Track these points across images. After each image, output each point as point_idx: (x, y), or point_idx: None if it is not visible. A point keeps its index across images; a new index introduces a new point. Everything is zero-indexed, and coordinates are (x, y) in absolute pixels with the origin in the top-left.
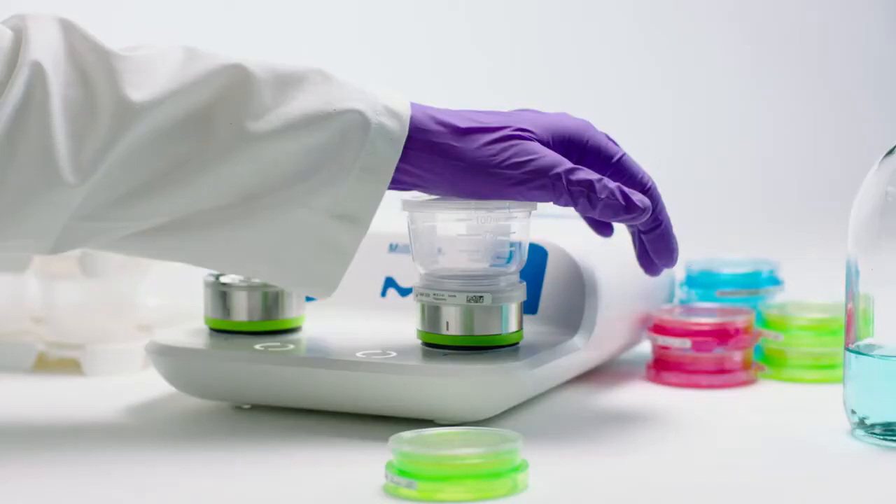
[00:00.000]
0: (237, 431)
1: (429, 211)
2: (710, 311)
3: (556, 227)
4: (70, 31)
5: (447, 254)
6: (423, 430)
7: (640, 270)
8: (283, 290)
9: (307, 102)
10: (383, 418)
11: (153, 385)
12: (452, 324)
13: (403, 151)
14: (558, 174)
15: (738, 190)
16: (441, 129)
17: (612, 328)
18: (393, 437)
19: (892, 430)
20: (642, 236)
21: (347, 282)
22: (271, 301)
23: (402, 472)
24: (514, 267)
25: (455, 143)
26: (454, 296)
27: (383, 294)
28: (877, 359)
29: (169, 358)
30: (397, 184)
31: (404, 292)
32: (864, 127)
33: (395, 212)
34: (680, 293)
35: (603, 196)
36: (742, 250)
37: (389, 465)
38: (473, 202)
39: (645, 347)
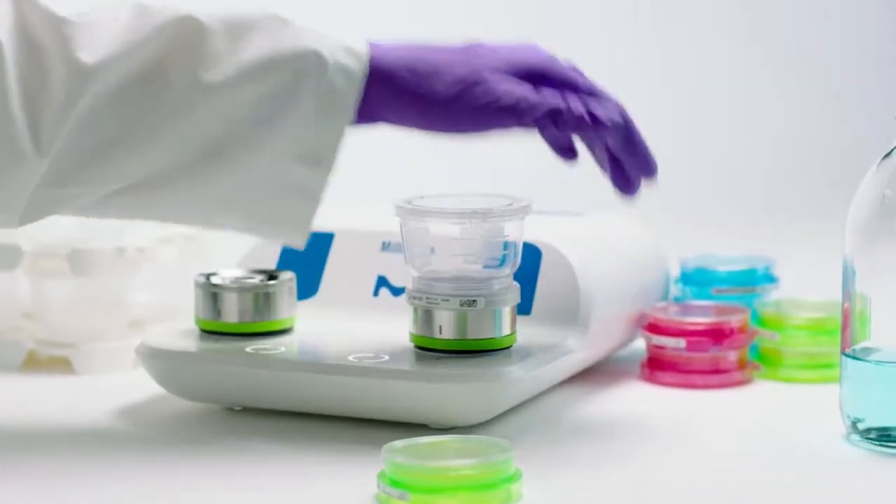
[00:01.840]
0: (227, 435)
1: (422, 215)
2: (706, 310)
3: (550, 225)
4: (21, 1)
5: (440, 256)
6: (416, 438)
7: (635, 268)
8: (274, 291)
9: (261, 47)
10: (376, 422)
11: (145, 384)
12: (445, 328)
13: (366, 89)
14: (523, 109)
15: (735, 185)
16: (404, 72)
17: (606, 328)
18: (385, 447)
19: (887, 436)
20: (620, 157)
21: (339, 280)
22: (262, 302)
23: (394, 483)
24: (508, 269)
25: (420, 85)
26: (447, 300)
27: (375, 293)
28: (873, 364)
29: (159, 361)
30: (364, 119)
31: (397, 292)
32: (862, 124)
33: (387, 210)
34: (675, 290)
35: (570, 122)
36: (738, 245)
37: (382, 475)
38: (469, 210)
39: (640, 343)
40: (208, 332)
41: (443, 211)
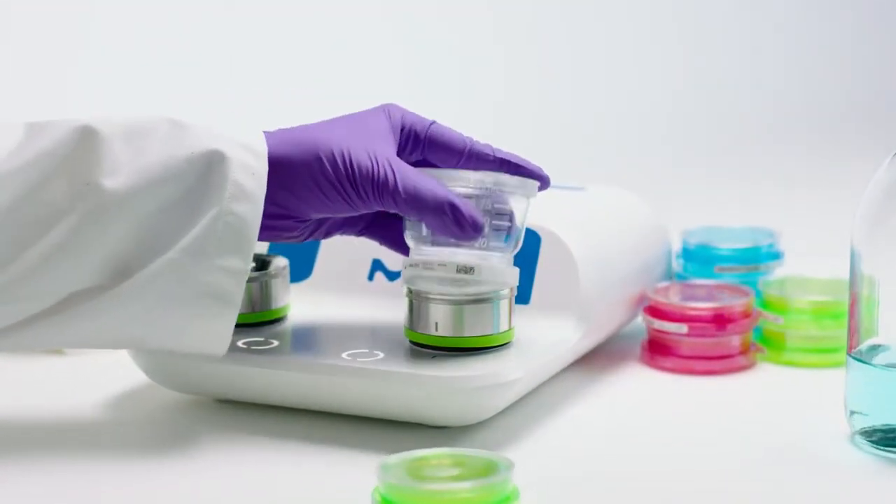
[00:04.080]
0: (218, 428)
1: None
2: (708, 292)
3: (550, 204)
4: None
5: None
6: (410, 452)
7: (637, 248)
8: (267, 281)
9: (161, 151)
10: (372, 418)
11: (135, 365)
12: (441, 324)
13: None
14: (386, 182)
15: (738, 151)
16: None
17: (607, 314)
18: (380, 464)
19: (892, 440)
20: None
21: (334, 263)
22: (255, 293)
23: (388, 503)
24: (510, 249)
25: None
26: (444, 264)
27: (370, 277)
28: (879, 369)
29: (148, 355)
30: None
31: (392, 276)
32: (863, 90)
33: None
34: (676, 265)
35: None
36: (741, 212)
37: (376, 491)
38: (473, 180)
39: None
40: None
41: (446, 175)
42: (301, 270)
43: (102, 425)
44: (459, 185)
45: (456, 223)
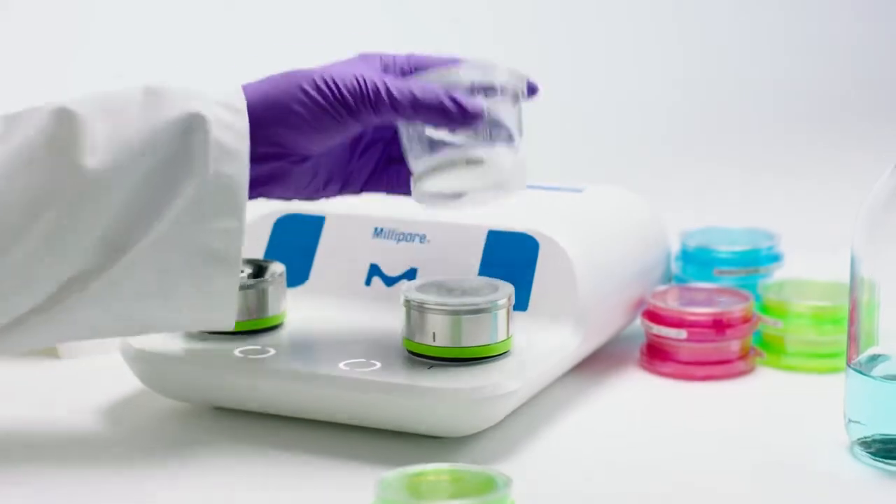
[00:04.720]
0: (214, 437)
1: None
2: (708, 296)
3: (549, 207)
4: None
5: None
6: (409, 467)
7: (636, 251)
8: (264, 289)
9: (140, 123)
10: (370, 428)
11: (132, 374)
12: (439, 334)
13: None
14: (378, 92)
15: (738, 149)
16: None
17: (606, 319)
18: (378, 481)
19: (891, 451)
20: None
21: (331, 268)
22: (251, 300)
23: None
24: (514, 141)
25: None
26: (453, 161)
27: (368, 282)
28: (878, 380)
29: (144, 363)
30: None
31: (390, 281)
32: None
33: (379, 195)
34: (675, 267)
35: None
36: (741, 211)
37: None
38: (461, 74)
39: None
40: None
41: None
42: (298, 275)
43: (97, 433)
44: (450, 80)
45: (459, 109)
